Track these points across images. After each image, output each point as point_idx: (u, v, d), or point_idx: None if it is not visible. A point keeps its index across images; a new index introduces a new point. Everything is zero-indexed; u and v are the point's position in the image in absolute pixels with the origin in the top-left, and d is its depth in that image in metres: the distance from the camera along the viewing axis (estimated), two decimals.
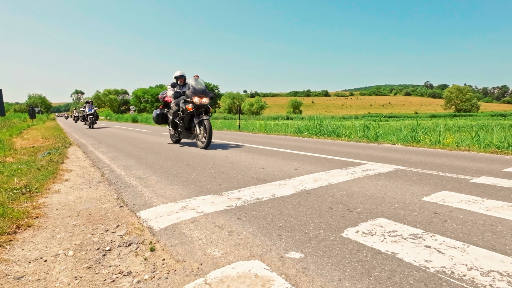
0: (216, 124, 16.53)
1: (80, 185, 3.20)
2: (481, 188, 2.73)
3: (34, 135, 10.96)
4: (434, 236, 1.70)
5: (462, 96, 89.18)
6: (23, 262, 1.54)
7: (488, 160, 4.26)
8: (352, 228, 1.85)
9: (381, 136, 7.80)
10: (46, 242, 1.80)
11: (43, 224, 2.07)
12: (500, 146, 5.53)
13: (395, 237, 1.69)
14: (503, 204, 2.24)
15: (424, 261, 1.42)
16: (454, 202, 2.31)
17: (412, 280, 1.27)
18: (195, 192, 2.77)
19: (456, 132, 10.28)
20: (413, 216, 2.04)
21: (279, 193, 2.66)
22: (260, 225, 1.94)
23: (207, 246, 1.65)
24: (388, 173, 3.46)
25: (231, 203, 2.39)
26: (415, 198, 2.46)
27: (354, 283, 1.26)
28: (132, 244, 1.76)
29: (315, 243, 1.65)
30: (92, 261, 1.56)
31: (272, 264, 1.43)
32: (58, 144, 7.27)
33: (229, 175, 3.45)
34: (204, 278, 1.33)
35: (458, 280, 1.26)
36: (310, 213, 2.14)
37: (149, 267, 1.50)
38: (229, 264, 1.44)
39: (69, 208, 2.43)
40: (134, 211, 2.32)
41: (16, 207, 2.33)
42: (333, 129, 9.33)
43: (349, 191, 2.70)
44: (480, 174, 3.33)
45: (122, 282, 1.36)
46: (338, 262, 1.43)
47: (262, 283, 1.27)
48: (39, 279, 1.39)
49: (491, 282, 1.24)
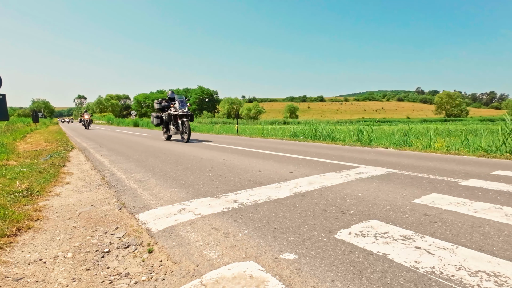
0: (215, 128, 16.54)
1: (81, 188, 3.18)
2: (470, 190, 2.74)
3: (37, 139, 10.89)
4: (424, 238, 1.70)
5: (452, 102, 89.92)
6: (22, 264, 1.53)
7: (477, 164, 4.29)
8: (345, 229, 1.85)
9: (374, 140, 7.83)
10: (46, 244, 1.78)
11: (43, 226, 2.05)
12: (488, 149, 5.57)
13: (386, 239, 1.69)
14: (490, 206, 2.25)
15: (414, 261, 1.42)
16: (444, 204, 2.31)
17: (403, 281, 1.27)
18: (193, 194, 2.76)
19: (446, 136, 10.35)
20: (404, 218, 2.04)
21: (275, 195, 2.66)
22: (255, 227, 1.93)
23: (203, 248, 1.64)
24: (380, 176, 3.47)
25: (228, 206, 2.39)
26: (406, 200, 2.46)
27: (346, 283, 1.26)
28: (130, 246, 1.75)
29: (309, 244, 1.65)
30: (91, 263, 1.54)
31: (267, 265, 1.43)
32: (60, 147, 7.23)
33: (226, 178, 3.44)
34: (200, 279, 1.32)
35: (447, 280, 1.26)
36: (304, 215, 2.13)
37: (146, 268, 1.48)
38: (225, 265, 1.43)
39: (69, 211, 2.41)
40: (133, 214, 2.30)
41: (17, 209, 2.30)
42: (328, 133, 9.36)
43: (343, 193, 2.70)
44: (469, 177, 3.34)
45: (120, 284, 1.35)
46: (331, 263, 1.43)
47: (257, 284, 1.26)
48: (38, 280, 1.37)
49: (478, 282, 1.24)
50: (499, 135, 5.68)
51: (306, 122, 10.62)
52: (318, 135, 9.50)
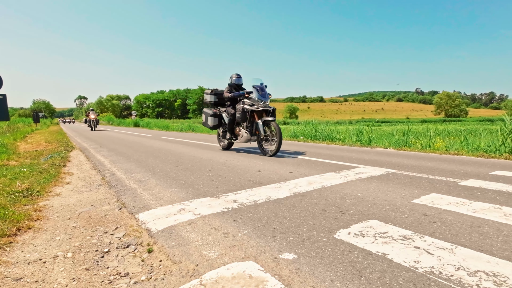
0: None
1: (81, 188, 3.18)
2: (469, 190, 2.74)
3: (37, 139, 10.89)
4: (423, 237, 1.69)
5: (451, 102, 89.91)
6: (22, 264, 1.52)
7: (476, 164, 4.28)
8: (344, 229, 1.84)
9: (374, 140, 7.82)
10: (46, 244, 1.77)
11: (43, 226, 2.05)
12: (488, 150, 5.56)
13: (385, 238, 1.69)
14: (489, 206, 2.24)
15: (414, 261, 1.42)
16: (443, 204, 2.31)
17: (402, 280, 1.26)
18: (193, 194, 2.75)
19: (446, 137, 10.34)
20: (403, 217, 2.04)
21: (275, 195, 2.65)
22: (255, 226, 1.92)
23: (203, 248, 1.64)
24: (380, 176, 3.46)
25: (228, 206, 2.38)
26: (406, 200, 2.46)
27: (345, 283, 1.25)
28: (130, 246, 1.74)
29: (308, 244, 1.64)
30: (91, 263, 1.54)
31: (266, 265, 1.42)
32: (61, 148, 7.23)
33: (226, 178, 3.44)
34: (200, 279, 1.32)
35: (446, 280, 1.25)
36: (304, 215, 2.13)
37: (146, 268, 1.48)
38: (224, 265, 1.43)
39: (70, 211, 2.40)
40: (133, 214, 2.30)
41: (17, 209, 2.30)
42: (327, 134, 9.35)
43: (342, 193, 2.70)
44: (468, 177, 3.34)
45: (119, 283, 1.34)
46: (330, 263, 1.43)
47: (256, 284, 1.26)
48: (38, 280, 1.37)
49: (477, 282, 1.24)
50: (498, 135, 5.67)
51: (306, 123, 10.61)
52: (317, 135, 9.50)
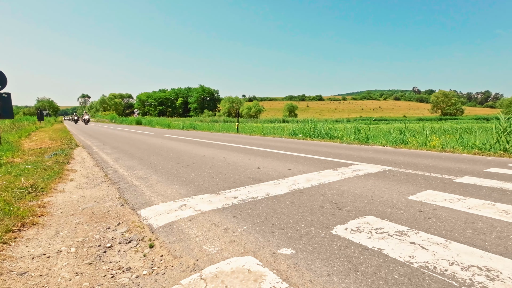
0: (215, 127, 16.52)
1: (84, 185, 3.18)
2: (463, 187, 2.74)
3: (42, 137, 10.89)
4: (418, 233, 1.70)
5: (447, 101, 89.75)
6: (26, 259, 1.53)
7: (471, 161, 4.29)
8: (342, 225, 1.85)
9: (371, 138, 7.82)
10: (50, 239, 1.78)
11: (47, 222, 2.05)
12: (483, 147, 5.56)
13: (381, 234, 1.69)
14: (484, 203, 2.25)
15: (409, 256, 1.42)
16: (438, 201, 2.31)
17: (397, 275, 1.27)
18: (193, 191, 2.76)
19: (442, 135, 10.33)
20: (399, 214, 2.04)
21: (274, 192, 2.66)
22: (254, 222, 1.93)
23: (203, 243, 1.64)
24: (377, 173, 3.46)
25: (228, 202, 2.39)
26: (402, 197, 2.46)
27: (341, 277, 1.26)
28: (132, 241, 1.75)
29: (306, 239, 1.65)
30: (93, 258, 1.54)
31: (265, 260, 1.43)
32: (65, 145, 7.23)
33: (226, 175, 3.44)
34: (200, 274, 1.32)
35: (440, 275, 1.26)
36: (302, 211, 2.14)
37: (147, 263, 1.48)
38: (224, 260, 1.44)
39: (73, 207, 2.41)
40: (135, 210, 2.30)
41: (22, 205, 2.30)
42: (326, 132, 9.35)
43: (340, 190, 2.70)
44: (463, 174, 3.34)
45: (121, 278, 1.35)
46: (327, 258, 1.43)
47: (255, 278, 1.26)
48: (41, 275, 1.37)
49: (471, 276, 1.24)
50: (493, 133, 5.67)
51: (305, 121, 10.61)
52: (316, 133, 9.49)
